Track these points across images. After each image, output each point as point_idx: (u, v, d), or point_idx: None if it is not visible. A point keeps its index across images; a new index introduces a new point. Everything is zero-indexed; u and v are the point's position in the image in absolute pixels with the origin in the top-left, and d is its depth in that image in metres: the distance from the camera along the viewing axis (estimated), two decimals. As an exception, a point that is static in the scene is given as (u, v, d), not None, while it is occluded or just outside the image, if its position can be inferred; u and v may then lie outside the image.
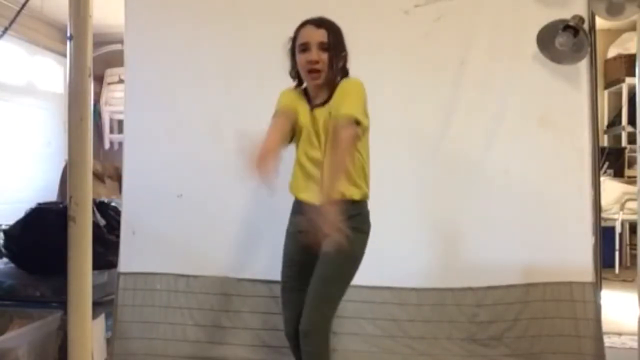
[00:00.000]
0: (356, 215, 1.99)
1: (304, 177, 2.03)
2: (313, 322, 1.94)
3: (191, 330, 2.75)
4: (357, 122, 1.89)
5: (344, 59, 2.04)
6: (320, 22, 2.01)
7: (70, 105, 2.40)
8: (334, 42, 1.99)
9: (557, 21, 2.50)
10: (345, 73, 2.06)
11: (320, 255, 1.95)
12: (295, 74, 2.08)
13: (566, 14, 2.51)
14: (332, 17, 2.06)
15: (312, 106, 2.03)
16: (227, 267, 2.77)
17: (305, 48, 1.98)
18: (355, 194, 1.99)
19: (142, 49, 2.85)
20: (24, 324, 2.62)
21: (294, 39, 2.03)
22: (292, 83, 2.11)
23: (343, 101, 1.93)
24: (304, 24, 2.02)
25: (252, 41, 2.75)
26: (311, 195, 1.97)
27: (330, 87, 2.00)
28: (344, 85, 1.99)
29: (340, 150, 1.87)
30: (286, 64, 2.09)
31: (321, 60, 1.96)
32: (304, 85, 2.09)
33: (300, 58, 2.00)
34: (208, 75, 2.79)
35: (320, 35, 1.97)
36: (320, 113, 2.00)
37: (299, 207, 2.07)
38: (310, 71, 1.98)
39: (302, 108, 2.04)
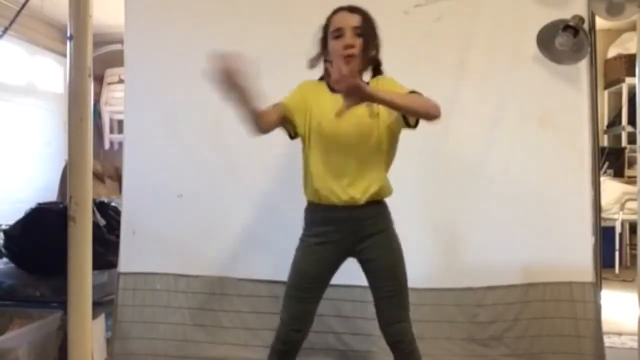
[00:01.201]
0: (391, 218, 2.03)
1: (331, 174, 1.95)
2: (406, 330, 2.00)
3: (191, 330, 2.75)
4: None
5: (377, 47, 2.00)
6: (354, 8, 1.98)
7: (70, 105, 2.40)
8: (368, 28, 1.96)
9: (557, 21, 2.50)
10: (377, 63, 2.02)
11: (378, 268, 1.98)
12: (322, 63, 2.02)
13: (566, 14, 2.51)
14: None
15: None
16: (227, 267, 2.77)
17: (339, 34, 1.94)
18: (388, 192, 2.02)
19: (142, 49, 2.85)
20: (24, 324, 2.62)
21: (325, 27, 1.99)
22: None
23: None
24: (337, 11, 1.99)
25: (252, 41, 2.74)
26: (344, 190, 1.92)
27: (361, 76, 1.94)
28: (390, 80, 1.99)
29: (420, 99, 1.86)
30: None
31: (356, 45, 1.92)
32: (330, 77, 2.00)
33: (335, 44, 1.95)
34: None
35: (355, 20, 1.94)
36: (355, 109, 1.89)
37: (325, 215, 1.99)
38: (346, 57, 1.92)
39: (328, 102, 1.94)
